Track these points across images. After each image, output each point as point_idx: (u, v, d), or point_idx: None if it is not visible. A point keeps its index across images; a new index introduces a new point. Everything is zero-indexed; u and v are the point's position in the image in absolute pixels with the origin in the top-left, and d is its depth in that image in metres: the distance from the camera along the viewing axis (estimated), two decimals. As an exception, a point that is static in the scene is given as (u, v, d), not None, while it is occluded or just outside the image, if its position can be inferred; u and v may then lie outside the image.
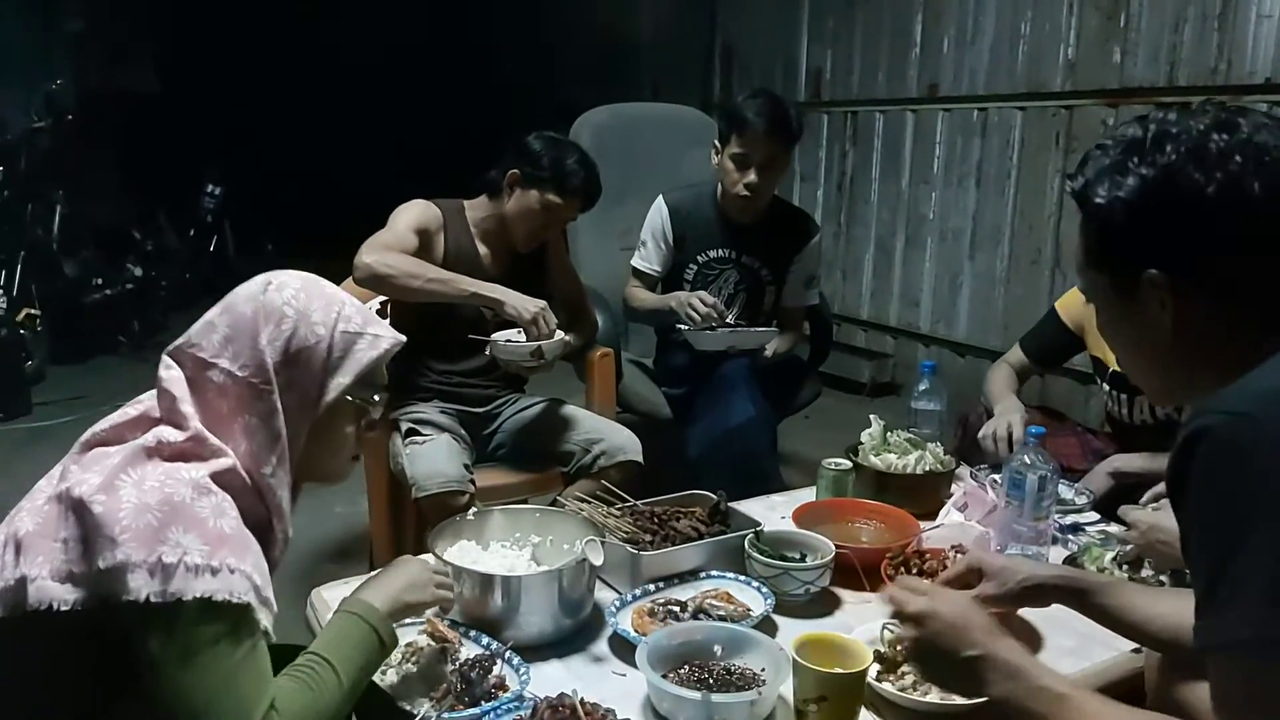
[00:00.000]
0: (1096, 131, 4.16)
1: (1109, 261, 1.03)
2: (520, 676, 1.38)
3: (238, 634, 1.04)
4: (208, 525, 1.04)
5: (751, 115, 2.57)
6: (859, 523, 1.94)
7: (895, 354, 5.27)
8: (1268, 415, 0.83)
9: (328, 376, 1.17)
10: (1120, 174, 0.99)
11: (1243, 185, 0.92)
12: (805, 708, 1.25)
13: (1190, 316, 0.97)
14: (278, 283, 1.19)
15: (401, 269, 2.17)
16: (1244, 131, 0.94)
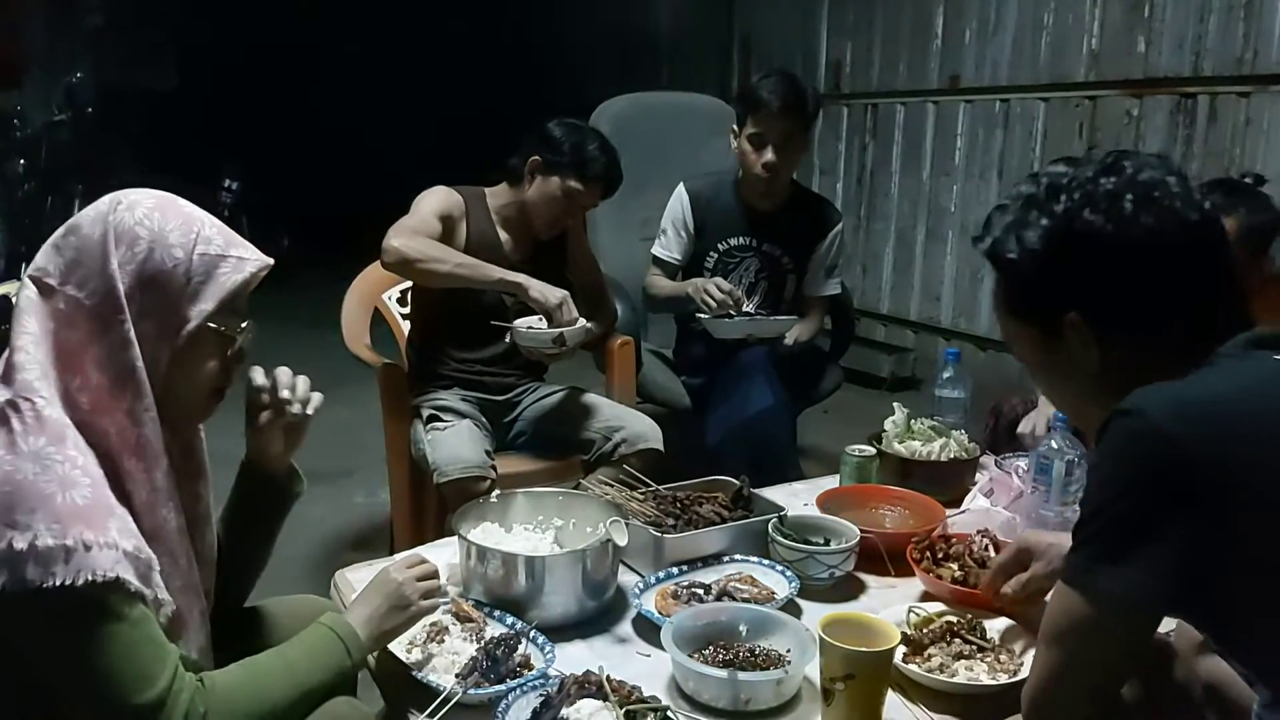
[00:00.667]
0: (1120, 122, 4.13)
1: (1030, 311, 1.10)
2: (545, 655, 1.38)
3: (117, 612, 0.97)
4: (55, 501, 0.95)
5: (765, 94, 2.57)
6: (883, 508, 1.92)
7: (916, 348, 5.24)
8: (1160, 416, 0.94)
9: (188, 303, 1.08)
10: (1023, 228, 1.05)
11: (1136, 223, 0.99)
12: (832, 686, 1.24)
13: (1114, 351, 1.04)
14: (128, 202, 1.08)
15: (429, 254, 2.18)
16: (1129, 172, 1.02)
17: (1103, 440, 0.99)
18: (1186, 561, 0.94)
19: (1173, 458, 0.93)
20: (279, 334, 5.73)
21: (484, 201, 2.43)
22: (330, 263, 8.30)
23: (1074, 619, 1.01)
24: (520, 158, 2.38)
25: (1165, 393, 0.97)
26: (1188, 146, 3.90)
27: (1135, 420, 0.96)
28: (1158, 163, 1.04)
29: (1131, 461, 0.96)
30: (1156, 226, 1.00)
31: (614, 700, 1.20)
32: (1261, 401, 0.98)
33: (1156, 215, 1.00)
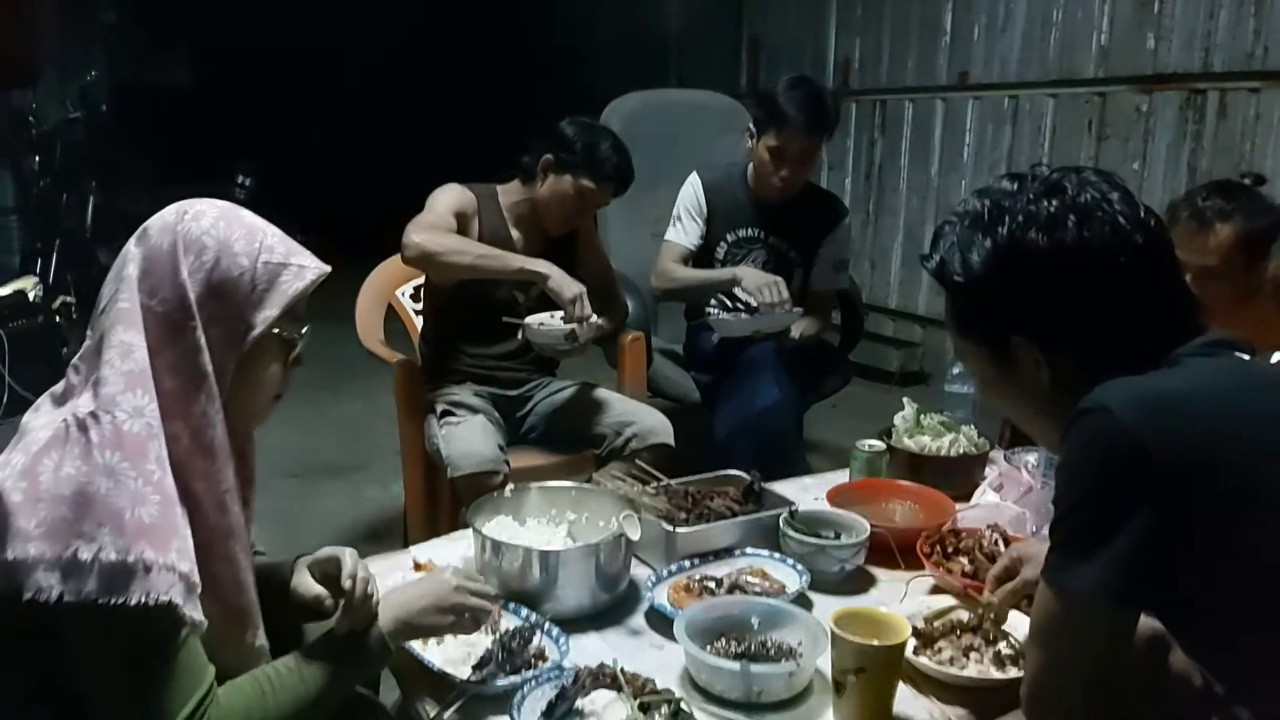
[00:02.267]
0: (1129, 118, 4.13)
1: (979, 331, 1.11)
2: (560, 647, 1.40)
3: (163, 636, 1.00)
4: (124, 517, 0.97)
5: (792, 112, 2.57)
6: (893, 503, 1.94)
7: (924, 343, 5.25)
8: (1123, 411, 0.96)
9: (254, 310, 1.11)
10: (968, 249, 1.06)
11: (1079, 243, 1.01)
12: (843, 679, 1.25)
13: (1063, 369, 1.05)
14: (194, 211, 1.12)
15: (451, 246, 2.21)
16: (1070, 193, 1.03)
17: (1067, 440, 1.01)
18: (1148, 556, 0.95)
19: (1135, 452, 0.95)
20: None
21: (496, 199, 2.45)
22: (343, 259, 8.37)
23: (1052, 618, 1.03)
24: (533, 156, 2.40)
25: (1127, 389, 0.99)
26: (1197, 142, 3.89)
27: (1098, 417, 0.97)
28: (1100, 181, 1.05)
29: (1095, 458, 0.98)
30: (1100, 247, 1.01)
31: (628, 692, 1.22)
32: (1223, 398, 1.01)
33: (1099, 235, 1.01)
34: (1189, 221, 1.93)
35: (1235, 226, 1.90)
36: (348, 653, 1.16)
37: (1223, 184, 2.01)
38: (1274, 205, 1.96)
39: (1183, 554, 0.96)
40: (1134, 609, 1.03)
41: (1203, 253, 1.93)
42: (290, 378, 1.21)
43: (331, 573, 1.22)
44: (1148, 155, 4.08)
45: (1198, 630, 1.03)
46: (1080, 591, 0.99)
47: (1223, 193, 1.94)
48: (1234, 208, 1.90)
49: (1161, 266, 1.05)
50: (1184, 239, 1.95)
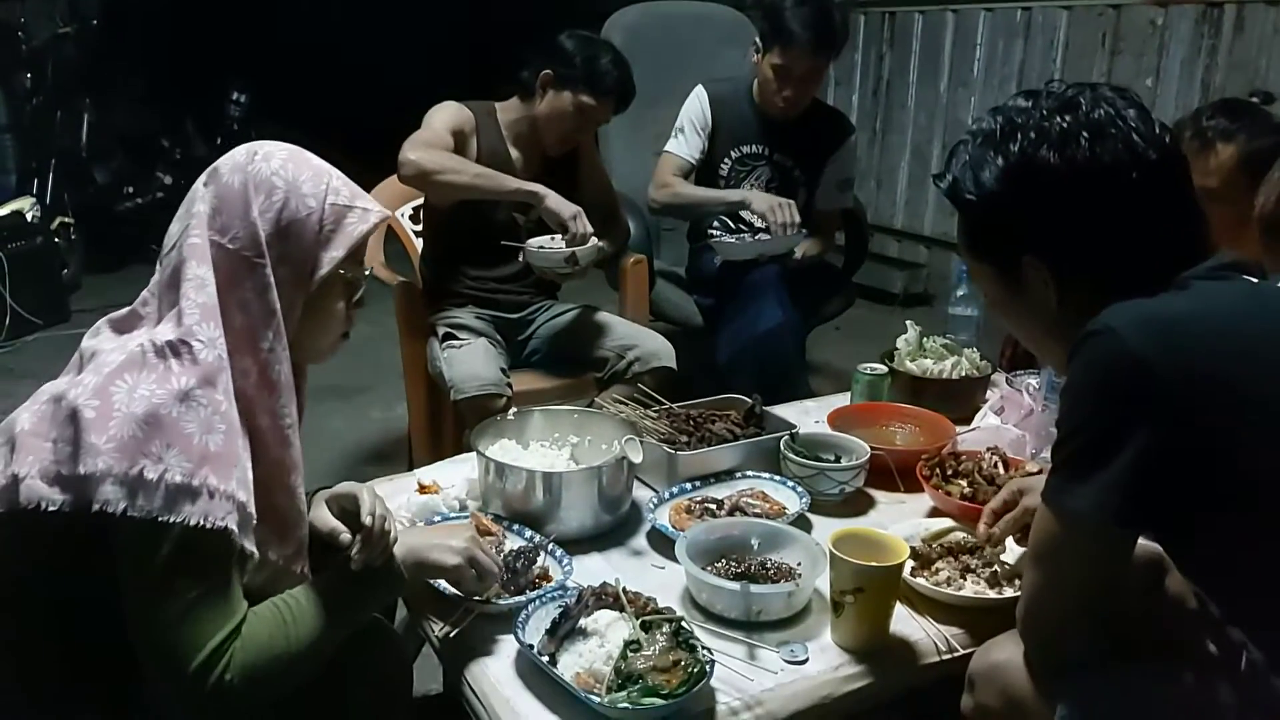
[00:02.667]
0: (1144, 33, 4.03)
1: (990, 250, 1.11)
2: (563, 567, 1.42)
3: (212, 560, 1.03)
4: (193, 441, 1.00)
5: (797, 28, 2.50)
6: (893, 426, 1.95)
7: (929, 264, 5.21)
8: (1129, 332, 0.96)
9: (321, 249, 1.14)
10: (980, 168, 1.05)
11: (1091, 161, 0.99)
12: (841, 599, 1.28)
13: (1073, 289, 1.05)
14: (264, 152, 1.14)
15: (447, 165, 2.18)
16: (1084, 110, 1.02)
17: (1073, 362, 1.01)
18: (1148, 477, 0.96)
19: (1138, 373, 0.95)
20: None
21: (494, 117, 2.41)
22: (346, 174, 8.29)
23: (1050, 538, 1.05)
24: (531, 72, 2.35)
25: (1134, 311, 0.99)
26: (1212, 58, 3.80)
27: (1103, 338, 0.97)
28: (1116, 97, 1.04)
29: (1098, 379, 0.99)
30: (1112, 164, 1.00)
31: (630, 611, 1.24)
32: (1231, 320, 1.01)
33: (1112, 153, 1.00)
34: (1191, 141, 1.89)
35: (1238, 147, 1.86)
36: (364, 582, 1.17)
37: (1229, 103, 1.96)
38: (1278, 126, 1.92)
39: (1183, 474, 0.96)
40: (1132, 530, 1.04)
41: (1204, 173, 1.90)
42: (354, 317, 1.25)
43: (349, 509, 1.24)
44: (1161, 71, 3.99)
45: (1196, 550, 1.05)
46: (1079, 511, 1.00)
47: (1228, 112, 1.89)
48: (1238, 127, 1.86)
49: (1175, 185, 1.03)
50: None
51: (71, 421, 1.00)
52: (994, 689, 1.17)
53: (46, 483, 1.00)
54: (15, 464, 1.02)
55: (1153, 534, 1.08)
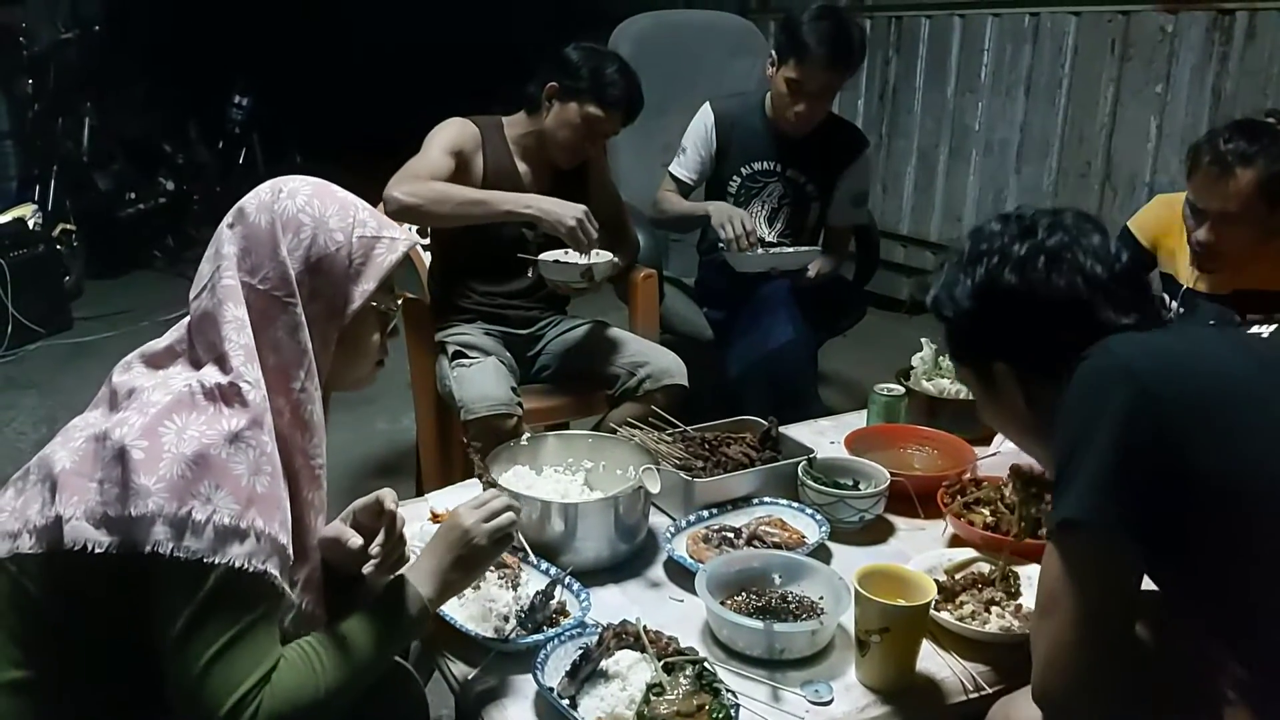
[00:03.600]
0: (1154, 40, 3.99)
1: (967, 357, 1.23)
2: (581, 603, 1.39)
3: (252, 601, 1.02)
4: (241, 483, 1.01)
5: (813, 44, 2.46)
6: (911, 449, 1.92)
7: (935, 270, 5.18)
8: (1120, 348, 1.04)
9: (351, 283, 1.14)
10: (954, 286, 1.17)
11: (1046, 282, 1.11)
12: (868, 639, 1.25)
13: (1039, 394, 1.14)
14: (289, 189, 1.14)
15: (428, 197, 2.12)
16: (1039, 237, 1.13)
17: (1069, 389, 1.06)
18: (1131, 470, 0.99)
19: (1126, 376, 1.01)
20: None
21: (501, 132, 2.38)
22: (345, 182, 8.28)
23: (1054, 577, 1.05)
24: (538, 84, 2.32)
25: (1126, 336, 1.08)
26: (1223, 65, 3.77)
27: (1096, 354, 1.05)
28: (1075, 225, 1.14)
29: (1088, 388, 1.04)
30: (1065, 286, 1.11)
31: (652, 652, 1.22)
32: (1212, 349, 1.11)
33: (1066, 275, 1.11)
34: (1210, 166, 1.89)
35: (1257, 172, 1.86)
36: (389, 622, 1.14)
37: (1245, 124, 1.95)
38: None
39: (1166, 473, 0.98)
40: (1126, 530, 1.01)
41: (1224, 198, 1.90)
42: (388, 346, 1.25)
43: (363, 521, 1.24)
44: (1171, 78, 3.96)
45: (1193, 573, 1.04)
46: (1073, 520, 1.01)
47: (1245, 134, 1.88)
48: (1256, 150, 1.86)
49: (1128, 302, 1.12)
50: (1205, 184, 1.92)
51: (119, 461, 1.00)
52: None
53: (93, 524, 1.00)
54: (60, 504, 1.01)
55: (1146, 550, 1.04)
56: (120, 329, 4.54)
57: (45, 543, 1.02)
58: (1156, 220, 2.24)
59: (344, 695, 1.08)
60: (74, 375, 3.98)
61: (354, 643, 1.10)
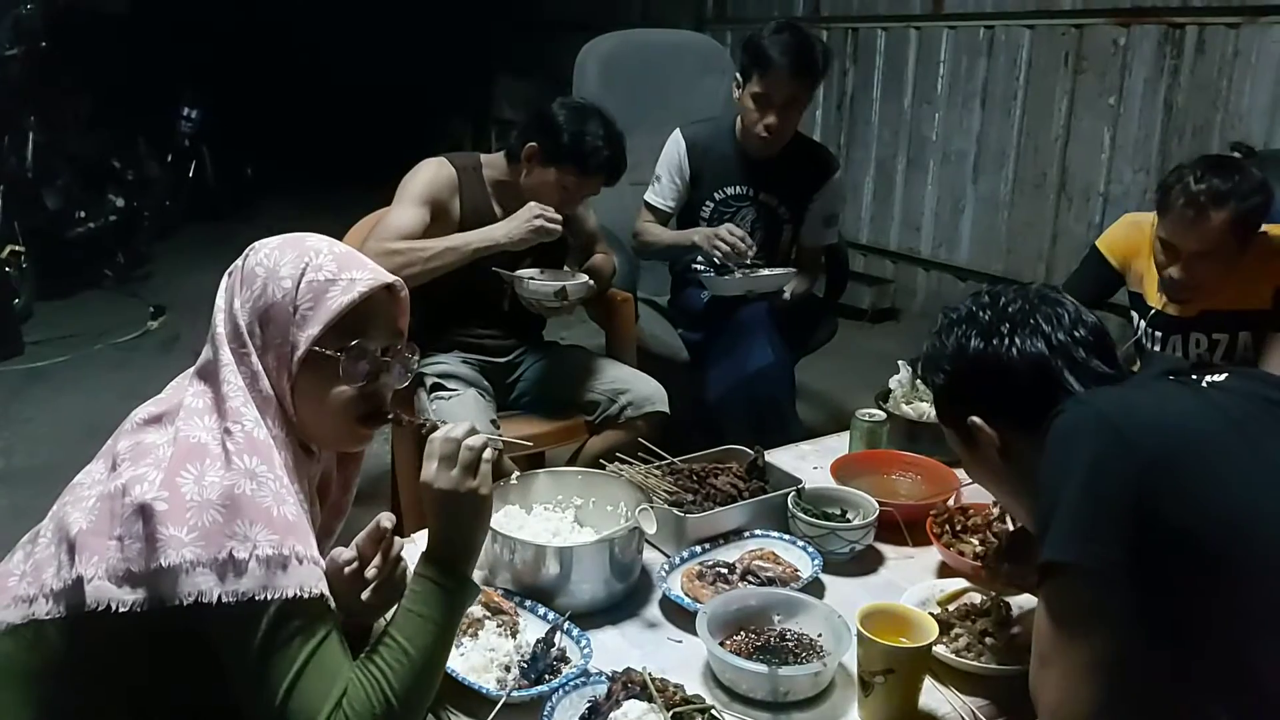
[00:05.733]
0: (1106, 52, 4.09)
1: (949, 417, 1.31)
2: (582, 649, 1.39)
3: (313, 627, 1.03)
4: (272, 514, 1.03)
5: (776, 55, 2.49)
6: (896, 475, 1.94)
7: (895, 279, 5.26)
8: (1098, 400, 1.12)
9: (296, 330, 1.11)
10: (933, 356, 1.30)
11: (1009, 346, 1.21)
12: (871, 680, 1.26)
13: (1014, 450, 1.22)
14: (258, 245, 1.18)
15: (399, 262, 2.05)
16: (1001, 304, 1.25)
17: (1048, 442, 1.11)
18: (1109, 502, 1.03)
19: (1101, 423, 1.07)
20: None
21: (479, 172, 2.34)
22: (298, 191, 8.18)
23: (1047, 626, 1.08)
24: (518, 140, 2.28)
25: (1101, 391, 1.15)
26: (1174, 78, 3.88)
27: (1076, 410, 1.11)
28: (1038, 293, 1.25)
29: (1065, 437, 1.09)
30: (1031, 349, 1.20)
31: (660, 702, 1.22)
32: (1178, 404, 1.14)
33: (1029, 338, 1.20)
34: (1185, 209, 1.94)
35: (1230, 212, 1.92)
36: (432, 604, 1.11)
37: (1215, 161, 2.01)
38: (1264, 182, 1.96)
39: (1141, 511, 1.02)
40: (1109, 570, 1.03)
41: (1198, 240, 1.96)
42: (384, 396, 1.19)
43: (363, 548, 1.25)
44: (1124, 90, 4.06)
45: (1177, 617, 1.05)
46: (1057, 561, 1.05)
47: (1217, 172, 1.93)
48: (1228, 189, 1.91)
49: (1091, 362, 1.20)
50: (1179, 226, 1.97)
51: (139, 517, 1.00)
52: None
53: (115, 583, 1.00)
54: (80, 565, 1.01)
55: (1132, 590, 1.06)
56: (74, 352, 4.43)
57: (65, 606, 1.02)
58: (1126, 241, 2.29)
59: (418, 694, 1.08)
60: (30, 404, 3.87)
61: (405, 640, 1.08)
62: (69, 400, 3.90)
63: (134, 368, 4.33)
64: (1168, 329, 2.24)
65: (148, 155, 6.39)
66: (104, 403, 3.84)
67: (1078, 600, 1.06)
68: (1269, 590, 1.00)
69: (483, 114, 7.98)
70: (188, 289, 5.50)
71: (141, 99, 6.33)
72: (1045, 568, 1.08)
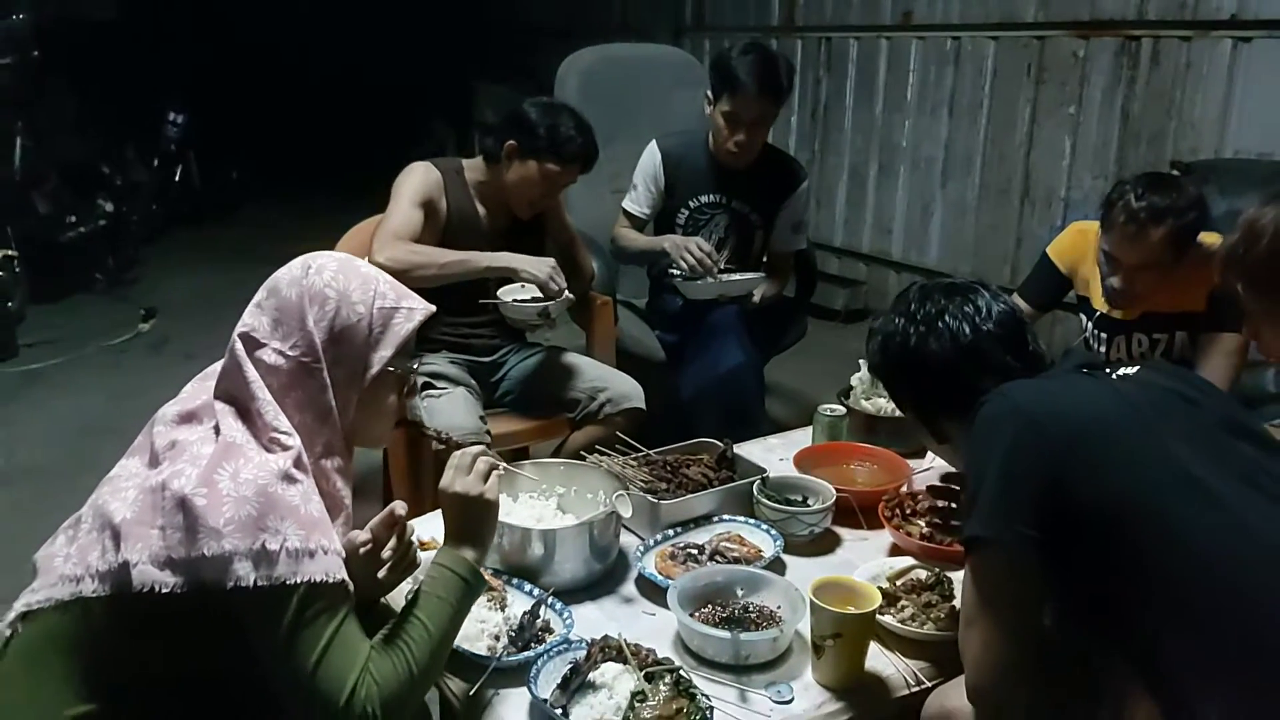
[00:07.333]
0: (1067, 63, 4.27)
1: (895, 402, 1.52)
2: (564, 620, 1.53)
3: (335, 608, 1.16)
4: (300, 511, 1.16)
5: (743, 76, 2.64)
6: (854, 464, 2.10)
7: (868, 280, 5.42)
8: (1014, 391, 1.26)
9: (371, 351, 1.28)
10: (869, 356, 1.50)
11: (925, 348, 1.38)
12: (822, 643, 1.41)
13: (951, 434, 1.40)
14: (317, 266, 1.29)
15: (414, 263, 2.24)
16: (912, 308, 1.41)
17: (972, 429, 1.26)
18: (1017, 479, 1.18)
19: (1017, 413, 1.22)
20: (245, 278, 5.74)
21: (462, 176, 2.49)
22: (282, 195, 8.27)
23: (970, 594, 1.23)
24: (495, 140, 2.44)
25: (1019, 384, 1.29)
26: (1130, 88, 4.05)
27: (995, 401, 1.25)
28: (949, 293, 1.40)
29: (986, 426, 1.24)
30: (939, 348, 1.37)
31: (634, 664, 1.36)
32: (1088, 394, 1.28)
33: (939, 340, 1.37)
34: (1126, 225, 2.09)
35: (1167, 228, 2.07)
36: (448, 589, 1.28)
37: (1154, 179, 2.15)
38: (1200, 198, 2.12)
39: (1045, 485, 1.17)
40: (1022, 544, 1.18)
41: (1138, 253, 2.11)
42: (406, 406, 1.37)
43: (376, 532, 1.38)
44: (1083, 99, 4.23)
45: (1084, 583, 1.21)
46: (976, 536, 1.21)
47: (1155, 190, 2.08)
48: (1166, 207, 2.06)
49: (999, 356, 1.36)
50: (1121, 240, 2.13)
51: (180, 509, 1.13)
52: None
53: (158, 567, 1.13)
54: (125, 551, 1.14)
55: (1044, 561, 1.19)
56: (67, 355, 4.54)
57: (110, 585, 1.15)
58: (1073, 248, 2.44)
59: (434, 666, 1.24)
60: (26, 404, 3.99)
61: (427, 619, 1.24)
62: (63, 401, 4.02)
63: (125, 369, 4.45)
64: (1112, 330, 2.40)
65: (135, 160, 6.48)
66: (97, 404, 3.97)
67: (996, 571, 1.22)
68: (1163, 562, 1.14)
69: (465, 118, 8.11)
70: (176, 292, 5.62)
71: (129, 104, 6.42)
72: (968, 542, 1.24)
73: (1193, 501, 1.14)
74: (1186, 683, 1.10)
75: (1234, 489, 1.14)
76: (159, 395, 1.37)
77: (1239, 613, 1.09)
